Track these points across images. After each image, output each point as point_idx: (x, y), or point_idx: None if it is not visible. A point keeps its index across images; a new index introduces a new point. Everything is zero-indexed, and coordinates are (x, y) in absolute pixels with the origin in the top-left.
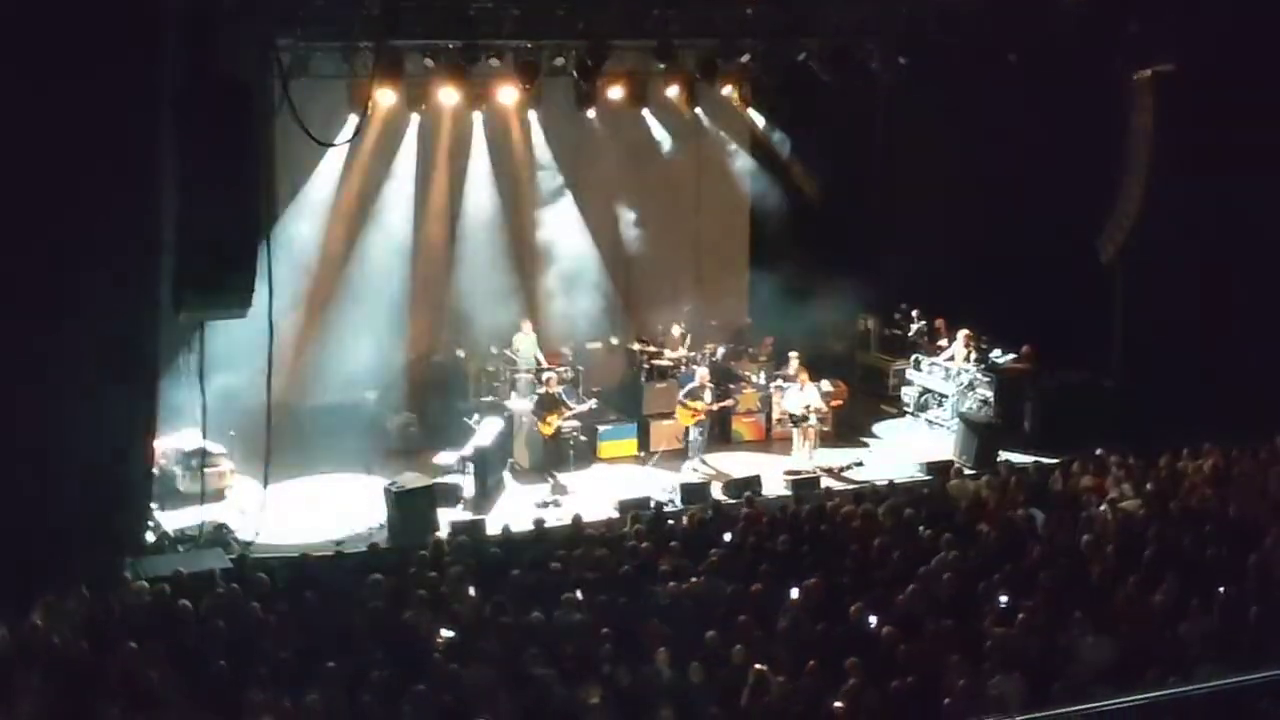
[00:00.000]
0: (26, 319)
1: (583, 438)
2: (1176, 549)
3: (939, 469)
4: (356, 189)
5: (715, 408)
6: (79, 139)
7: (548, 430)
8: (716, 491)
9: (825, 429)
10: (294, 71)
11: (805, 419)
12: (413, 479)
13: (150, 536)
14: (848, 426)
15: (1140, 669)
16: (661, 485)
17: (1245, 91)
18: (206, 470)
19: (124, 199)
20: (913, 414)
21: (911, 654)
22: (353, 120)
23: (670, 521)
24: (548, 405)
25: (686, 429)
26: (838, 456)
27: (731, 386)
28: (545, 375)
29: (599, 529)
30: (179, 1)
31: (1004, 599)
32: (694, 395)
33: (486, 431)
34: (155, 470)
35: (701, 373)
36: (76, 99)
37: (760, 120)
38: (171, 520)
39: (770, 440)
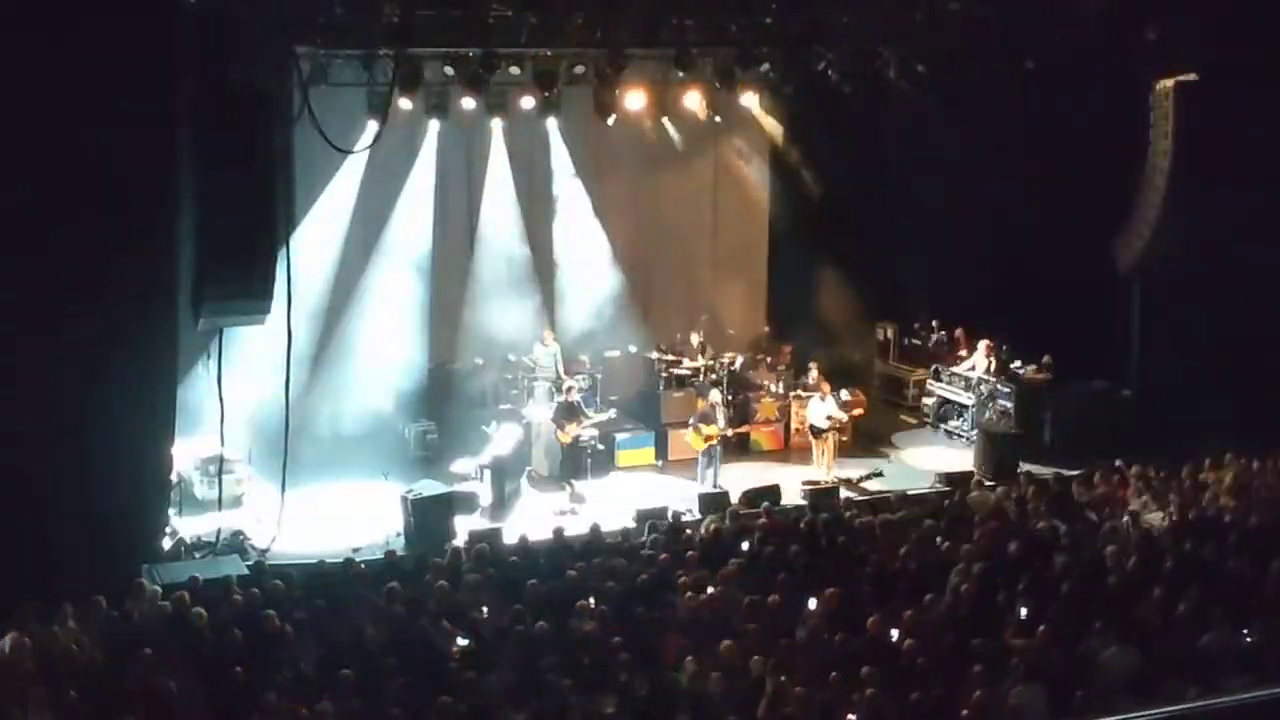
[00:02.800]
0: (46, 327)
1: (601, 446)
2: (1199, 560)
3: (959, 480)
4: (377, 197)
5: (730, 434)
6: (98, 146)
7: (566, 439)
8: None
9: (844, 439)
10: (313, 79)
11: (825, 430)
12: (430, 487)
13: (167, 543)
14: (867, 437)
15: (1162, 680)
16: (680, 495)
17: (1265, 100)
18: (224, 477)
19: (143, 207)
20: (932, 424)
21: (930, 665)
22: (372, 128)
23: (688, 531)
24: (566, 414)
25: (699, 454)
26: (857, 467)
27: (750, 396)
28: (564, 384)
29: (617, 539)
30: (198, 9)
31: (1024, 610)
32: (707, 419)
33: (504, 440)
34: (173, 477)
35: (714, 396)
36: (96, 107)
37: (779, 129)
38: (189, 527)
39: (789, 450)
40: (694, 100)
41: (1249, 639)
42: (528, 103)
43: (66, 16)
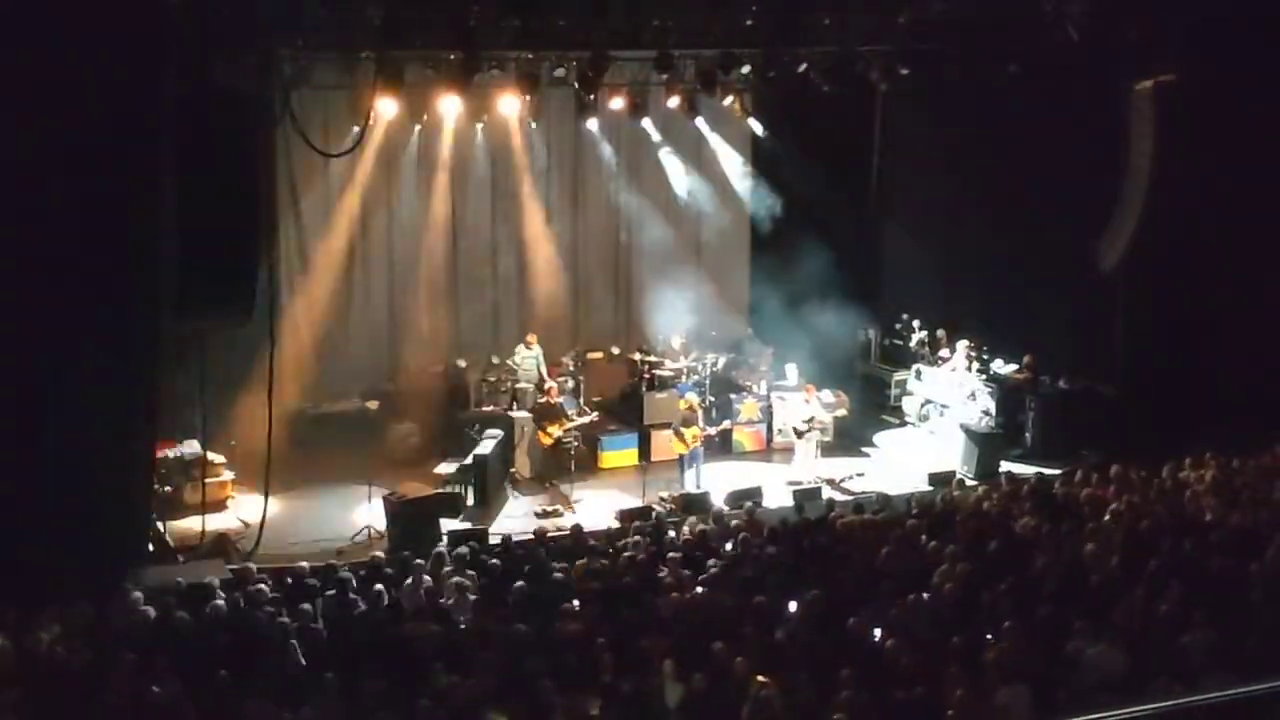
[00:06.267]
0: (28, 329)
1: (584, 447)
2: (1180, 558)
3: (941, 480)
4: (359, 200)
5: (714, 433)
6: (80, 150)
7: (548, 440)
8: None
9: (827, 439)
10: (295, 82)
11: (808, 430)
12: (413, 489)
13: (151, 547)
14: (849, 437)
15: (1146, 678)
16: (660, 495)
17: (1246, 100)
18: (207, 480)
19: (125, 209)
20: (914, 424)
21: (914, 666)
22: (354, 130)
23: (671, 532)
24: (548, 415)
25: (681, 456)
26: (839, 467)
27: (733, 397)
28: (546, 385)
29: (600, 539)
30: (179, 12)
31: (1007, 610)
32: (687, 423)
33: (487, 441)
34: (156, 480)
35: (691, 398)
36: (78, 109)
37: (760, 130)
38: (172, 530)
39: (771, 450)
40: (675, 102)
41: (1230, 638)
42: (509, 105)
43: (47, 16)
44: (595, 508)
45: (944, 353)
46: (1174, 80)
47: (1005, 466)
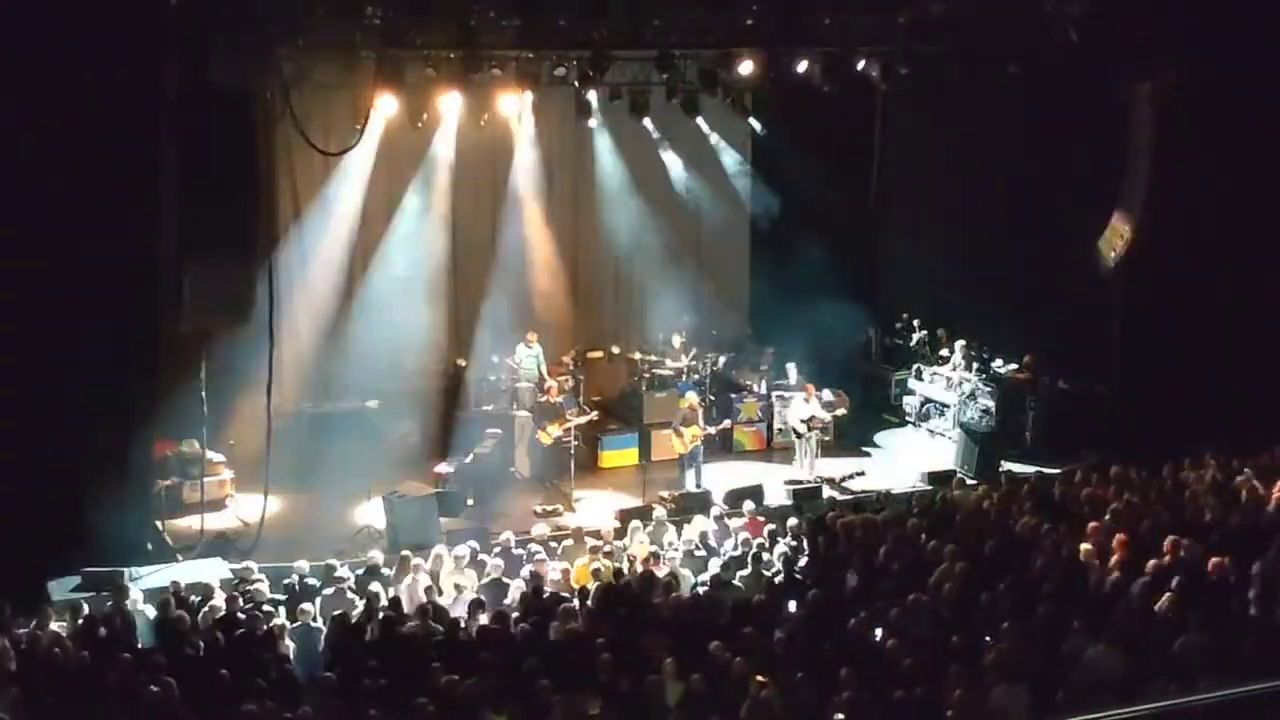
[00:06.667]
0: (29, 329)
1: (583, 447)
2: (1179, 559)
3: (941, 479)
4: (359, 199)
5: (714, 432)
6: (80, 149)
7: (548, 439)
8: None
9: (826, 439)
10: (295, 81)
11: (808, 430)
12: (413, 488)
13: (151, 547)
14: (849, 436)
15: (1144, 678)
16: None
17: (1246, 100)
18: (207, 480)
19: (125, 210)
20: (914, 424)
21: (913, 666)
22: (355, 130)
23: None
24: (548, 414)
25: (681, 456)
26: (839, 466)
27: (733, 397)
28: (546, 384)
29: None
30: (179, 12)
31: (1006, 609)
32: (686, 422)
33: (487, 441)
34: (156, 479)
35: (691, 398)
36: (78, 109)
37: (760, 129)
38: (172, 530)
39: (771, 450)
40: (675, 101)
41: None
42: (509, 105)
43: (47, 15)
44: (595, 507)
45: (944, 352)
46: (1174, 80)
47: (1005, 466)
